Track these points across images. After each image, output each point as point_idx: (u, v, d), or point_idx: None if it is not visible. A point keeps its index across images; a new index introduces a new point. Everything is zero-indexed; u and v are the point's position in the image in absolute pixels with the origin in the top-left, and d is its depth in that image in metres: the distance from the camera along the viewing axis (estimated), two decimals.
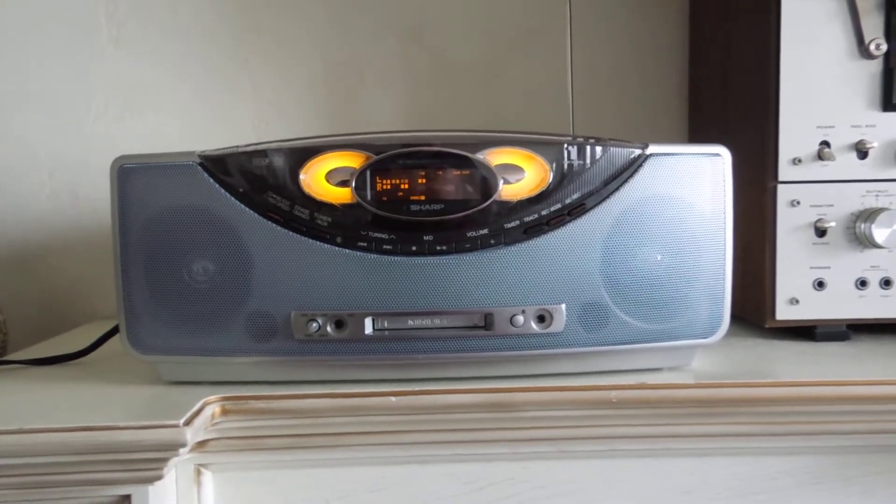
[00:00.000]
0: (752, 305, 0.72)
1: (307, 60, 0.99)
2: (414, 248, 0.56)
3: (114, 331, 0.68)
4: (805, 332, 0.71)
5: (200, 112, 0.99)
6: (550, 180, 0.57)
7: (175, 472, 0.56)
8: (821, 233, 0.68)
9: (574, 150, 0.57)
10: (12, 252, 0.98)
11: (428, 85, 1.00)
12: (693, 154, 0.58)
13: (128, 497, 0.52)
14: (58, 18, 0.97)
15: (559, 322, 0.57)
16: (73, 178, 0.98)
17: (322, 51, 0.99)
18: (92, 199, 0.98)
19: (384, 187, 0.56)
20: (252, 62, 0.99)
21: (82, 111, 0.98)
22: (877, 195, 0.68)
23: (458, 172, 0.57)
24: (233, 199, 0.56)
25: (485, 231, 0.57)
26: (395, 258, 0.56)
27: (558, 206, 0.57)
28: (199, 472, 0.57)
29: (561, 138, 0.57)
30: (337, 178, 0.57)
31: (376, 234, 0.56)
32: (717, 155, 0.59)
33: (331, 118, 1.00)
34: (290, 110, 0.99)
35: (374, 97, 1.00)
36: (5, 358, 0.72)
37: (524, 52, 1.00)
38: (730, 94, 0.80)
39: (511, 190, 0.57)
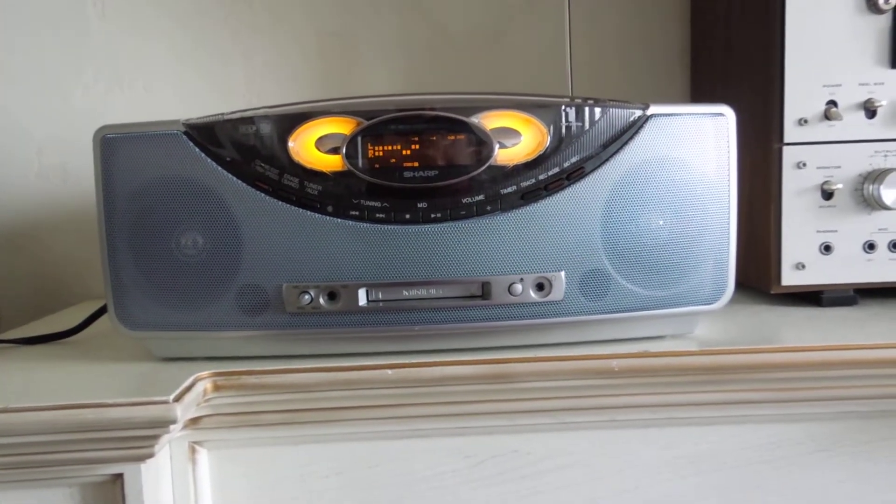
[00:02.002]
0: (757, 271, 0.71)
1: (300, 31, 0.97)
2: (408, 217, 0.55)
3: (104, 308, 0.66)
4: (811, 297, 0.70)
5: (191, 85, 0.97)
6: (548, 144, 0.55)
7: (169, 450, 0.55)
8: (828, 195, 0.66)
9: (572, 112, 0.55)
10: (2, 231, 0.97)
11: (425, 54, 0.98)
12: (695, 114, 0.57)
13: (120, 476, 0.51)
14: None
15: (559, 290, 0.56)
16: (62, 154, 0.96)
17: (315, 21, 0.97)
18: (82, 175, 0.96)
19: (376, 154, 0.55)
20: (243, 33, 0.97)
21: (71, 86, 0.96)
22: (885, 155, 0.66)
23: (453, 137, 0.55)
24: (220, 168, 0.55)
25: (481, 197, 0.55)
26: (389, 227, 0.55)
27: (556, 170, 0.55)
28: (193, 450, 0.56)
29: (558, 100, 0.56)
30: (327, 145, 0.55)
31: (369, 203, 0.55)
32: (721, 115, 0.57)
33: (325, 91, 0.98)
34: (283, 83, 0.97)
35: (370, 68, 0.98)
36: None
37: (522, 18, 0.97)
38: (733, 53, 0.78)
39: (507, 154, 0.55)
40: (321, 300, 0.55)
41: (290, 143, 0.55)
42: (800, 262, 0.67)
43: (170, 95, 0.97)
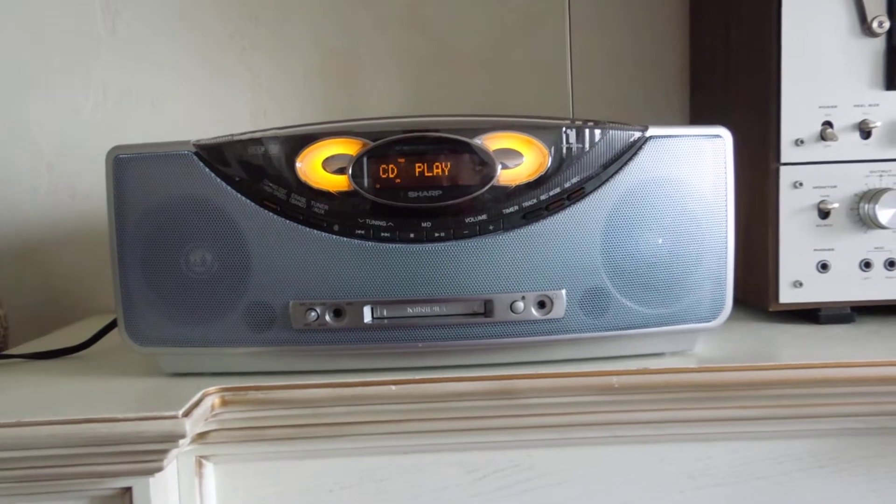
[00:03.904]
0: (755, 289, 0.72)
1: (305, 48, 0.98)
2: (412, 236, 0.56)
3: (113, 324, 0.67)
4: (809, 314, 0.70)
5: (198, 101, 0.98)
6: (549, 165, 0.56)
7: (176, 464, 0.56)
8: (824, 214, 0.67)
9: (573, 134, 0.56)
10: (12, 246, 0.98)
11: (428, 72, 0.99)
12: (693, 136, 0.58)
13: (129, 489, 0.52)
14: (53, 9, 0.96)
15: (560, 308, 0.57)
16: (71, 170, 0.97)
17: (320, 38, 0.98)
18: (91, 191, 0.97)
19: (381, 174, 0.56)
20: (250, 50, 0.98)
21: (80, 103, 0.97)
22: (881, 175, 0.67)
23: (456, 158, 0.56)
24: (229, 188, 0.56)
25: (483, 217, 0.56)
26: (394, 245, 0.56)
27: (557, 190, 0.56)
28: (200, 464, 0.57)
29: (559, 122, 0.57)
30: (334, 165, 0.56)
31: (374, 222, 0.56)
32: (718, 136, 0.58)
33: (330, 107, 0.99)
34: (288, 99, 0.99)
35: (374, 85, 0.99)
36: (5, 352, 0.72)
37: (523, 37, 0.99)
38: (731, 75, 0.79)
39: (509, 175, 0.56)
40: (327, 317, 0.56)
41: (298, 164, 0.56)
42: (797, 280, 0.68)
43: (177, 111, 0.98)
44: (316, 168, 0.56)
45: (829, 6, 0.66)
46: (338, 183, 0.56)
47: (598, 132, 0.57)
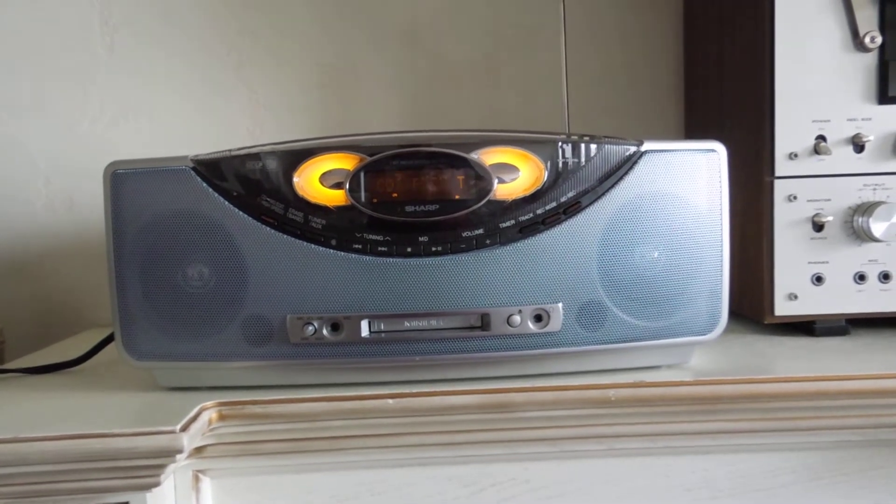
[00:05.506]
0: (751, 301, 0.72)
1: (302, 63, 0.99)
2: (409, 250, 0.56)
3: (110, 338, 0.67)
4: (804, 327, 0.71)
5: (195, 117, 0.99)
6: (545, 179, 0.57)
7: (173, 479, 0.56)
8: (818, 227, 0.68)
9: (568, 149, 0.57)
10: (9, 260, 0.98)
11: (424, 86, 1.00)
12: (688, 150, 0.58)
13: None
14: (52, 26, 0.97)
15: (556, 321, 0.57)
16: (69, 184, 0.98)
17: (317, 54, 0.99)
18: (88, 205, 0.97)
19: (378, 189, 0.56)
20: (247, 66, 0.99)
21: (78, 118, 0.98)
22: (874, 188, 0.67)
23: (453, 173, 0.56)
24: (227, 203, 0.56)
25: (480, 231, 0.56)
26: (391, 260, 0.56)
27: (553, 204, 0.57)
28: (197, 478, 0.57)
29: (555, 136, 0.57)
30: (331, 180, 0.56)
31: (371, 236, 0.56)
32: (713, 151, 0.58)
33: (327, 121, 1.00)
34: (285, 114, 0.99)
35: (370, 100, 1.00)
36: (1, 366, 0.72)
37: (519, 51, 1.00)
38: (725, 89, 0.80)
39: (506, 189, 0.57)
40: (324, 331, 0.57)
41: (295, 179, 0.56)
42: (792, 293, 0.68)
43: (175, 127, 0.98)
44: (313, 183, 0.56)
45: (822, 22, 0.66)
46: (335, 197, 0.56)
47: (593, 146, 0.57)
